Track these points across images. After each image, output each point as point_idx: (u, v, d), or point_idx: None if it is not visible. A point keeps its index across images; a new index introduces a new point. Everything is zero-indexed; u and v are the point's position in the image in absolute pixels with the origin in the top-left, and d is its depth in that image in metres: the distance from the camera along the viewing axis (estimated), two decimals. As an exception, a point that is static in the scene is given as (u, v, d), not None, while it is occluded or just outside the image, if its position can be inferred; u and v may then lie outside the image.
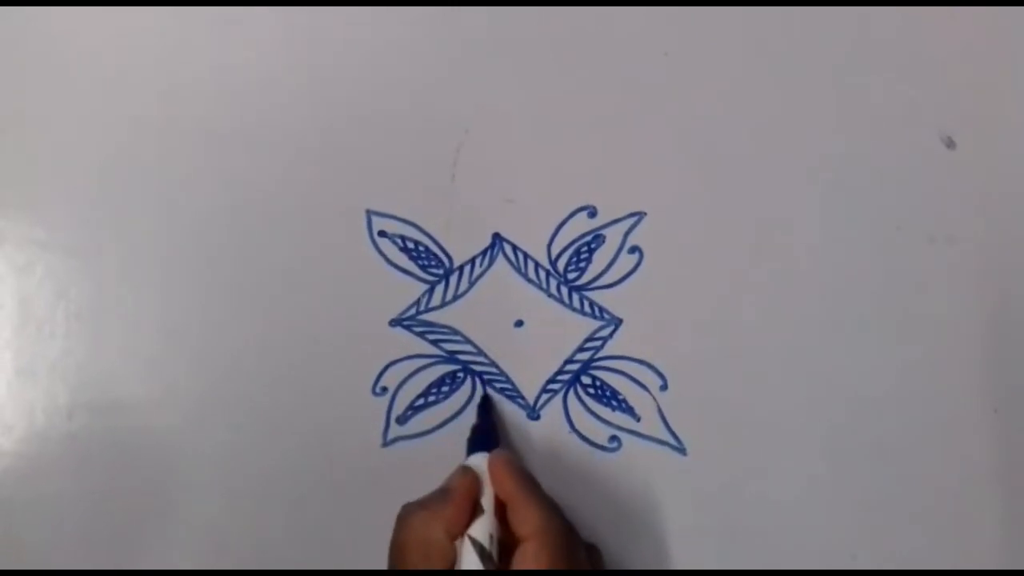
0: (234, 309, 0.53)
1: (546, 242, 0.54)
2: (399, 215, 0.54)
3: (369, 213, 0.54)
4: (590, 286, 0.54)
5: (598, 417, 0.53)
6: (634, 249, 0.54)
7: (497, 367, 0.53)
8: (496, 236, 0.54)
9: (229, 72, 0.55)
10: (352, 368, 0.53)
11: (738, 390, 0.54)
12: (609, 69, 0.55)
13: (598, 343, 0.54)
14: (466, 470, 0.48)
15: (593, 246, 0.54)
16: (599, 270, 0.54)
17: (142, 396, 0.53)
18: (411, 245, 0.54)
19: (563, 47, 0.55)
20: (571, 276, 0.54)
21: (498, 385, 0.53)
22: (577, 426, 0.53)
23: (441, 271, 0.54)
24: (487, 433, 0.51)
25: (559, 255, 0.54)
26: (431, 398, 0.53)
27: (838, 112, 0.56)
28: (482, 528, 0.45)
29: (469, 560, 0.44)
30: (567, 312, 0.54)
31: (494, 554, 0.45)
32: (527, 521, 0.45)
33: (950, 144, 0.55)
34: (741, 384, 0.54)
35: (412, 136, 0.54)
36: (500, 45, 0.55)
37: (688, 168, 0.55)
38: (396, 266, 0.54)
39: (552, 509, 0.46)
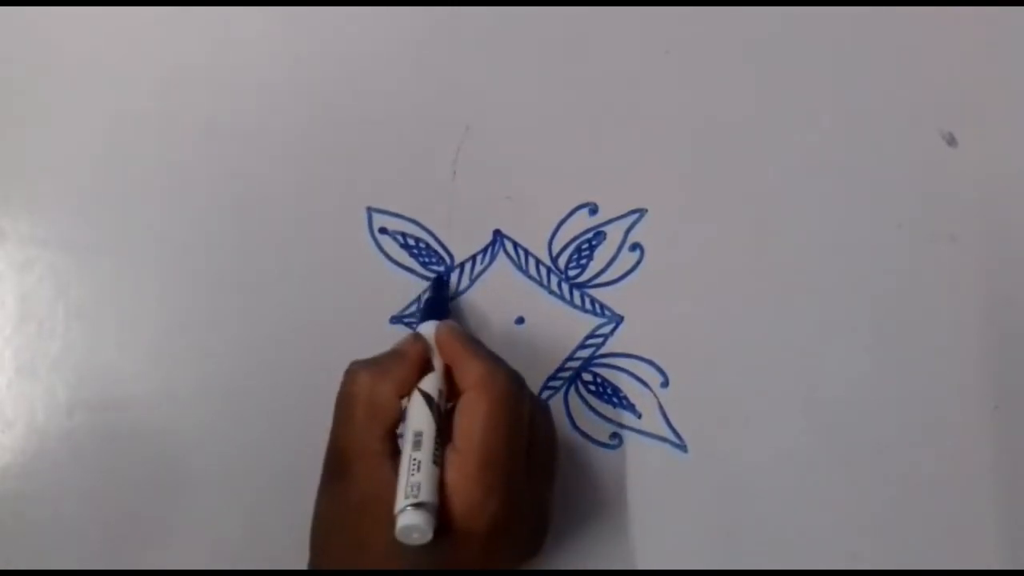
0: (234, 307, 0.53)
1: (547, 239, 0.54)
2: (400, 212, 0.54)
3: (369, 210, 0.54)
4: (591, 283, 0.54)
5: (599, 414, 0.53)
6: (635, 246, 0.54)
7: (498, 364, 0.53)
8: (497, 233, 0.54)
9: (229, 70, 0.55)
10: (353, 365, 0.52)
11: (739, 387, 0.54)
12: (610, 66, 0.55)
13: (599, 340, 0.54)
14: (417, 336, 0.48)
15: (594, 243, 0.54)
16: (600, 267, 0.54)
17: (142, 394, 0.52)
18: (412, 242, 0.54)
19: (564, 44, 0.55)
20: (572, 273, 0.54)
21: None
22: (578, 423, 0.53)
23: (442, 268, 0.54)
24: (440, 304, 0.51)
25: (560, 252, 0.54)
26: (432, 395, 0.53)
27: (839, 110, 0.56)
28: (431, 383, 0.45)
29: (417, 410, 0.44)
30: (568, 309, 0.54)
31: (442, 406, 0.45)
32: (470, 373, 0.44)
33: (952, 141, 0.55)
34: (742, 381, 0.54)
35: (413, 133, 0.54)
36: (501, 42, 0.55)
37: (689, 165, 0.55)
38: (397, 263, 0.54)
39: (495, 361, 0.45)
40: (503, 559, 0.45)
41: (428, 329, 0.48)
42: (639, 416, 0.53)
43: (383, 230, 0.54)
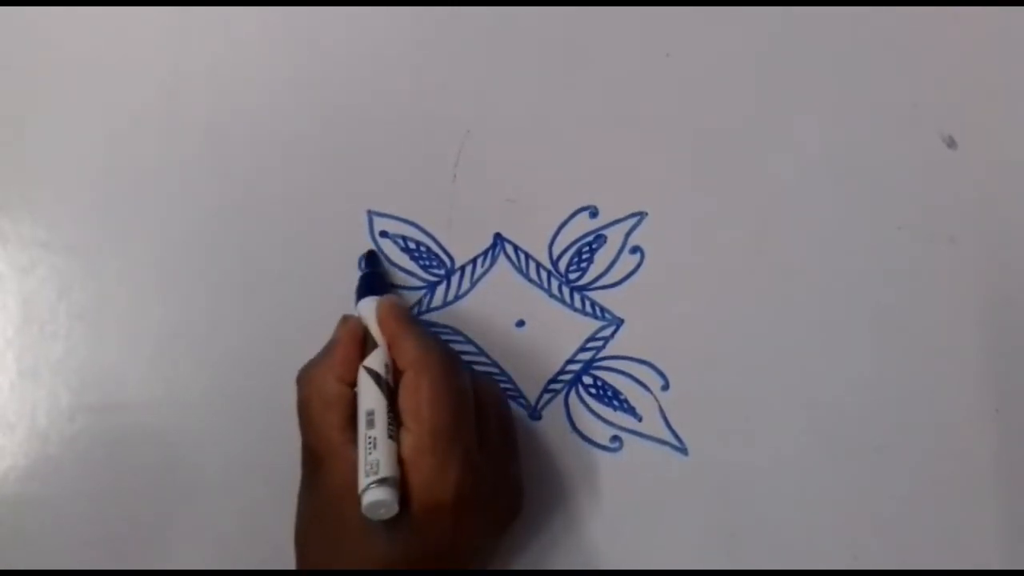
0: (236, 310, 0.53)
1: (548, 242, 0.54)
2: (400, 215, 0.54)
3: (370, 213, 0.54)
4: (592, 286, 0.54)
5: (599, 417, 0.53)
6: (635, 249, 0.54)
7: (498, 367, 0.53)
8: (497, 236, 0.54)
9: (231, 72, 0.55)
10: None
11: (739, 390, 0.54)
12: (611, 69, 0.55)
13: (600, 343, 0.54)
14: (346, 318, 0.49)
15: (595, 246, 0.54)
16: (601, 270, 0.54)
17: (144, 397, 0.53)
18: (412, 245, 0.54)
19: (564, 47, 0.55)
20: (572, 276, 0.54)
21: (500, 385, 0.53)
22: (578, 426, 0.53)
23: (442, 271, 0.54)
24: (376, 279, 0.52)
25: (560, 255, 0.54)
26: (432, 398, 0.53)
27: (839, 112, 0.56)
28: (376, 359, 0.46)
29: (366, 389, 0.45)
30: (568, 312, 0.54)
31: (389, 380, 0.46)
32: (405, 353, 0.46)
33: (951, 144, 0.55)
34: (742, 384, 0.54)
35: (413, 136, 0.54)
36: (501, 45, 0.55)
37: (689, 168, 0.55)
38: (398, 266, 0.54)
39: (429, 340, 0.47)
40: (478, 528, 0.46)
41: (369, 305, 0.49)
42: (639, 419, 0.53)
43: (384, 233, 0.54)
